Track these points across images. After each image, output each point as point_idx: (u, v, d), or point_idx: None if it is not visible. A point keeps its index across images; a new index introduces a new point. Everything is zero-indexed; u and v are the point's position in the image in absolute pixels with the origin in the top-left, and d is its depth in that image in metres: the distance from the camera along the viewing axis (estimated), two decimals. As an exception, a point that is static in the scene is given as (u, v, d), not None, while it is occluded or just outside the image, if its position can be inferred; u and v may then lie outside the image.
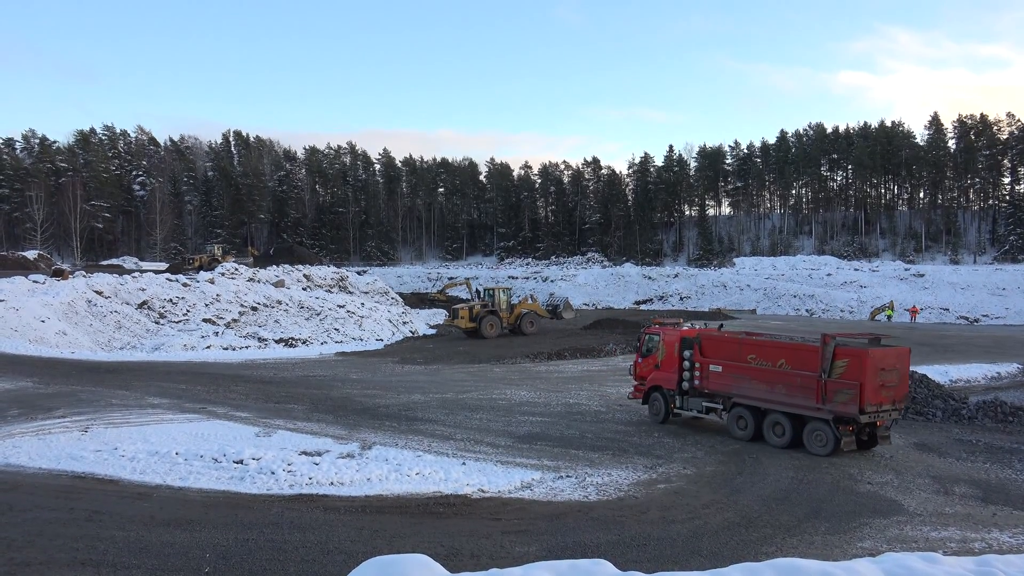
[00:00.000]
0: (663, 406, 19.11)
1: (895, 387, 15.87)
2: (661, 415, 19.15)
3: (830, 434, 15.67)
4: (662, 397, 19.16)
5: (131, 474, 13.79)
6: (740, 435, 17.23)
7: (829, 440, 15.70)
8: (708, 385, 18.08)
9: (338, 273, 53.21)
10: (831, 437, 15.66)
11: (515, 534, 10.84)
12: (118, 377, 24.73)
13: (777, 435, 16.63)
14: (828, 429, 15.71)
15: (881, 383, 15.48)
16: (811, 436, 16.08)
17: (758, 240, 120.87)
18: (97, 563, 9.40)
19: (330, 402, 21.21)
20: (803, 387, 16.09)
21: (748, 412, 17.18)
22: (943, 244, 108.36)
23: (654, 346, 19.79)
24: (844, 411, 15.44)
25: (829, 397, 15.62)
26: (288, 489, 13.03)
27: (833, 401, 15.56)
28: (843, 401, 15.39)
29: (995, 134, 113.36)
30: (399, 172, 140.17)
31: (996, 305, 61.38)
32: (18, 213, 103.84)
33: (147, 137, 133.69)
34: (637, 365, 20.37)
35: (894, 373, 15.79)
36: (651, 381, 19.53)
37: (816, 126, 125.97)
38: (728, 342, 18.26)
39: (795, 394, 16.24)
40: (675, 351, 18.91)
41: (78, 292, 35.95)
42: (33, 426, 17.31)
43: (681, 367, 18.69)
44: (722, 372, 17.72)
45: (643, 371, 20.02)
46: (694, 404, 18.56)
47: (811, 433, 16.08)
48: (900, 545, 10.59)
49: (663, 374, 19.22)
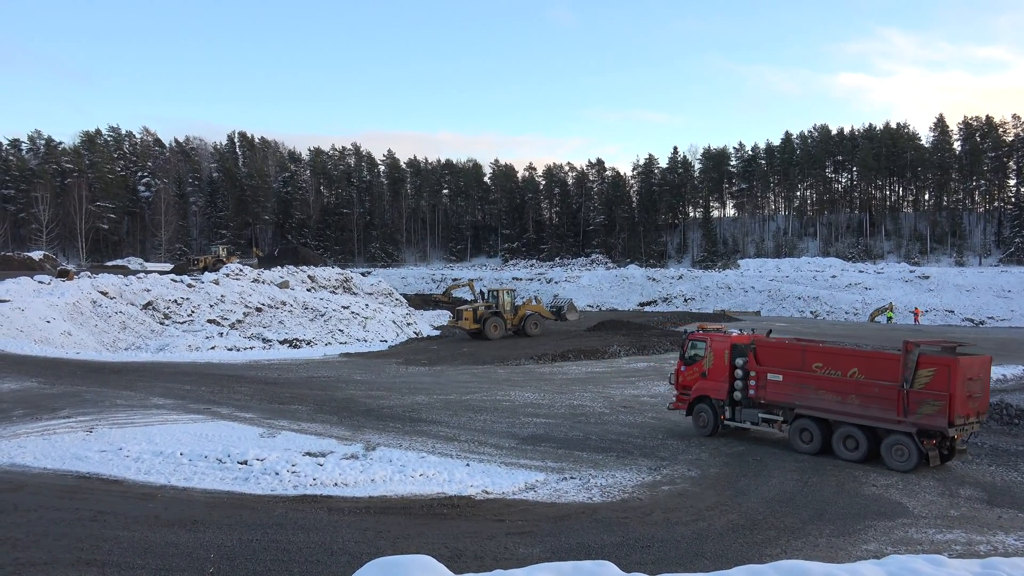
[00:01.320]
0: (711, 417, 17.89)
1: (980, 398, 14.99)
2: (709, 427, 17.90)
3: (913, 448, 14.68)
4: (710, 408, 17.93)
5: (135, 474, 13.81)
6: (804, 449, 16.19)
7: (912, 455, 14.69)
8: (766, 395, 16.98)
9: (342, 274, 53.29)
10: (914, 451, 14.66)
11: (519, 535, 10.83)
12: (123, 378, 24.78)
13: (849, 449, 15.58)
14: (911, 443, 14.71)
15: (968, 393, 14.59)
16: (891, 450, 15.04)
17: (762, 242, 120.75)
18: (102, 563, 9.42)
19: (334, 403, 21.22)
20: (881, 398, 15.08)
21: (814, 424, 16.13)
22: (948, 246, 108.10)
23: (700, 353, 18.54)
24: (931, 424, 14.53)
25: (912, 409, 14.68)
26: (292, 490, 13.04)
27: (917, 413, 14.62)
28: (929, 413, 14.47)
29: (1000, 136, 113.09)
30: (403, 173, 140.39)
31: (1001, 307, 61.19)
32: (24, 214, 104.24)
33: (152, 138, 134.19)
34: (679, 373, 18.97)
35: (979, 383, 14.94)
36: (697, 391, 18.30)
37: (821, 128, 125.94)
38: (790, 350, 17.16)
39: (871, 406, 15.22)
40: (725, 359, 17.81)
41: (83, 293, 36.05)
42: (38, 426, 17.36)
43: (732, 376, 17.59)
44: (783, 382, 16.67)
45: (687, 380, 18.71)
46: (748, 415, 17.39)
47: (890, 447, 15.05)
48: (905, 547, 10.56)
49: (711, 383, 18.04)
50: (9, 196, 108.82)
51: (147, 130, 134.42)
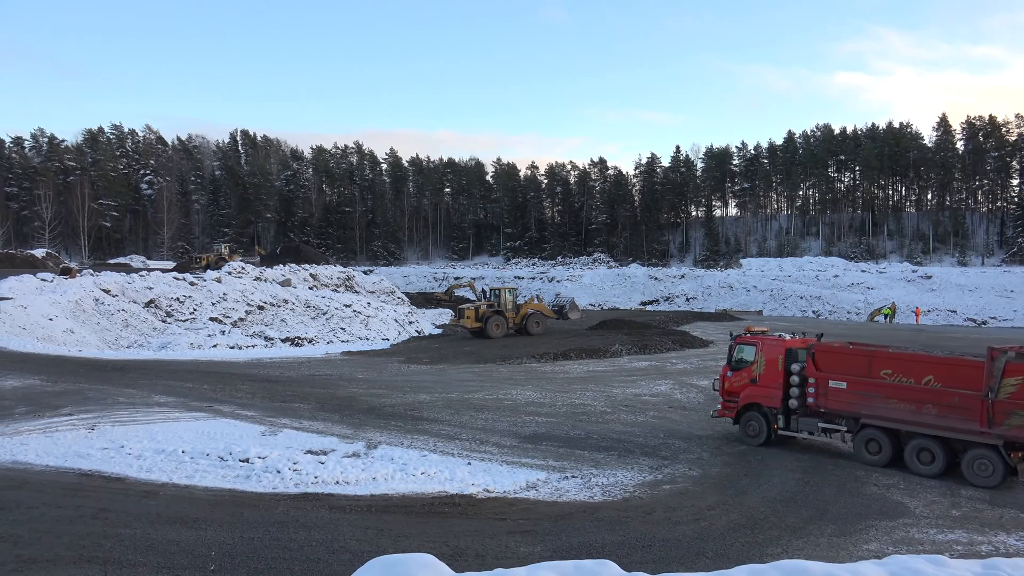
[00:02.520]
0: (764, 426, 16.90)
1: None
2: (761, 436, 16.89)
3: (999, 462, 13.72)
4: (762, 416, 16.96)
5: (137, 472, 13.83)
6: (871, 461, 15.27)
7: (997, 469, 13.72)
8: (827, 403, 16.00)
9: (344, 272, 53.31)
10: (1000, 466, 13.70)
11: (520, 534, 10.84)
12: (125, 375, 24.80)
13: (924, 462, 14.61)
14: (996, 457, 13.75)
15: None
16: (973, 465, 14.03)
17: (765, 241, 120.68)
18: (103, 560, 9.44)
19: (336, 401, 21.23)
20: (961, 408, 14.12)
21: (883, 435, 15.21)
22: (951, 246, 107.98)
23: (748, 358, 17.55)
24: (1020, 436, 13.56)
25: (998, 420, 13.68)
26: (294, 488, 13.05)
27: (1004, 424, 13.64)
28: (1018, 424, 13.51)
29: (1003, 136, 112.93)
30: (406, 172, 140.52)
31: (1004, 307, 61.10)
32: (27, 211, 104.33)
33: (155, 136, 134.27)
34: (725, 379, 17.97)
35: None
36: (746, 398, 17.32)
37: (823, 127, 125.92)
38: (854, 355, 16.13)
39: (950, 416, 14.24)
40: (778, 364, 16.85)
41: (86, 290, 36.09)
42: (40, 424, 17.38)
43: (787, 383, 16.66)
44: (846, 389, 15.68)
45: (734, 386, 17.72)
46: (806, 425, 16.44)
47: (973, 461, 14.04)
48: (906, 547, 10.55)
49: (762, 390, 17.07)
50: (12, 194, 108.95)
51: (150, 128, 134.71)
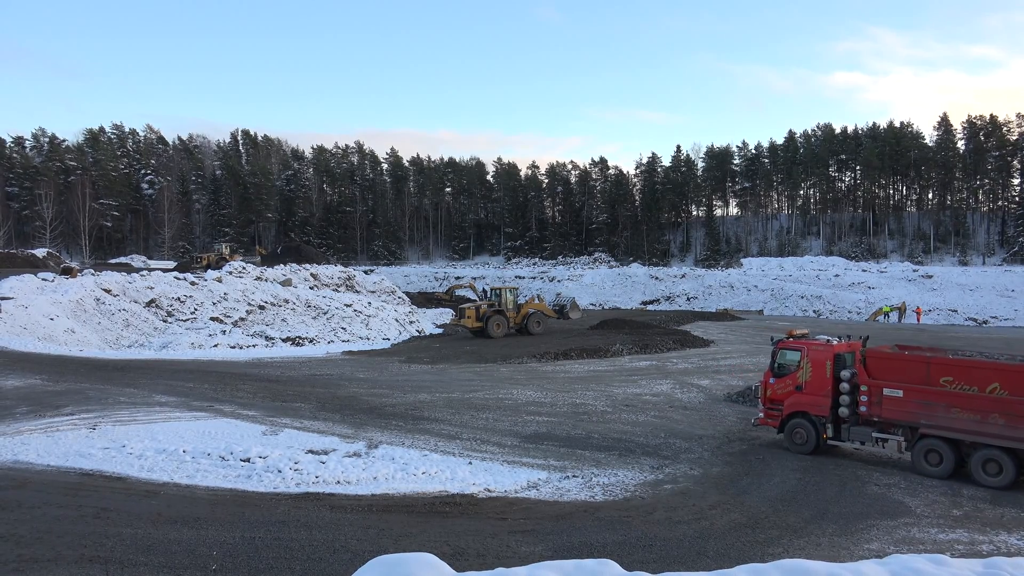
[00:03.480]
0: (812, 435, 16.21)
1: None
2: (809, 445, 16.21)
3: None
4: (810, 424, 16.26)
5: (139, 472, 13.84)
6: (932, 472, 14.54)
7: None
8: (881, 412, 15.27)
9: (345, 272, 53.32)
10: None
11: (521, 534, 10.84)
12: (126, 375, 24.81)
13: (991, 474, 13.88)
14: None
15: None
16: None
17: (766, 241, 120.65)
18: (105, 560, 9.44)
19: (337, 401, 21.24)
20: None
21: (945, 446, 14.46)
22: (952, 245, 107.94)
23: (793, 364, 16.83)
24: None
25: None
26: (295, 487, 13.06)
27: None
28: None
29: (1004, 135, 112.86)
30: (406, 172, 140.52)
31: (1005, 307, 61.10)
32: (28, 211, 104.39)
33: (156, 136, 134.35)
34: (768, 386, 17.23)
35: None
36: (792, 406, 16.56)
37: (824, 126, 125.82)
38: (911, 362, 15.37)
39: (1020, 426, 13.55)
40: (827, 371, 16.14)
41: (87, 290, 36.10)
42: (42, 423, 17.39)
43: (836, 390, 15.98)
44: (903, 398, 14.96)
45: (778, 394, 16.96)
46: (858, 434, 15.70)
47: None
48: (907, 547, 10.56)
49: (809, 398, 16.37)
50: (13, 194, 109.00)
51: (150, 128, 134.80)
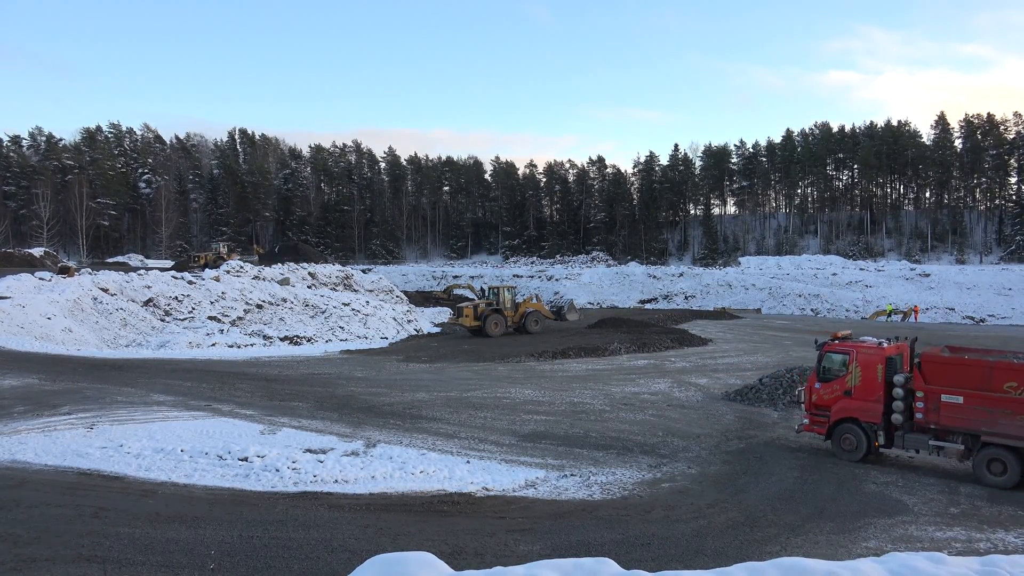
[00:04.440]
0: (862, 442, 15.53)
1: None
2: (859, 452, 15.54)
3: None
4: (860, 431, 15.58)
5: (136, 471, 13.82)
6: (996, 482, 13.92)
7: None
8: (939, 420, 14.57)
9: (343, 271, 53.26)
10: None
11: (519, 532, 10.84)
12: (123, 374, 24.78)
13: None
14: None
15: None
16: None
17: (763, 239, 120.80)
18: (103, 559, 9.43)
19: (335, 400, 21.23)
20: None
21: (1010, 455, 13.87)
22: (949, 244, 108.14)
23: (841, 368, 16.11)
24: None
25: None
26: (293, 487, 13.05)
27: None
28: None
29: (1002, 134, 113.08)
30: (404, 171, 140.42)
31: (1002, 305, 61.18)
32: (25, 210, 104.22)
33: (153, 135, 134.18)
34: (813, 391, 16.46)
35: None
36: (840, 412, 15.86)
37: (822, 125, 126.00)
38: (972, 366, 14.58)
39: None
40: (878, 375, 15.47)
41: (84, 289, 36.05)
42: (39, 423, 17.36)
43: (889, 395, 15.31)
44: (963, 404, 14.29)
45: (824, 399, 16.21)
46: (913, 442, 15.01)
47: None
48: (905, 545, 10.57)
49: (859, 403, 15.65)
50: (10, 193, 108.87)
51: (148, 127, 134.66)
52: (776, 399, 21.73)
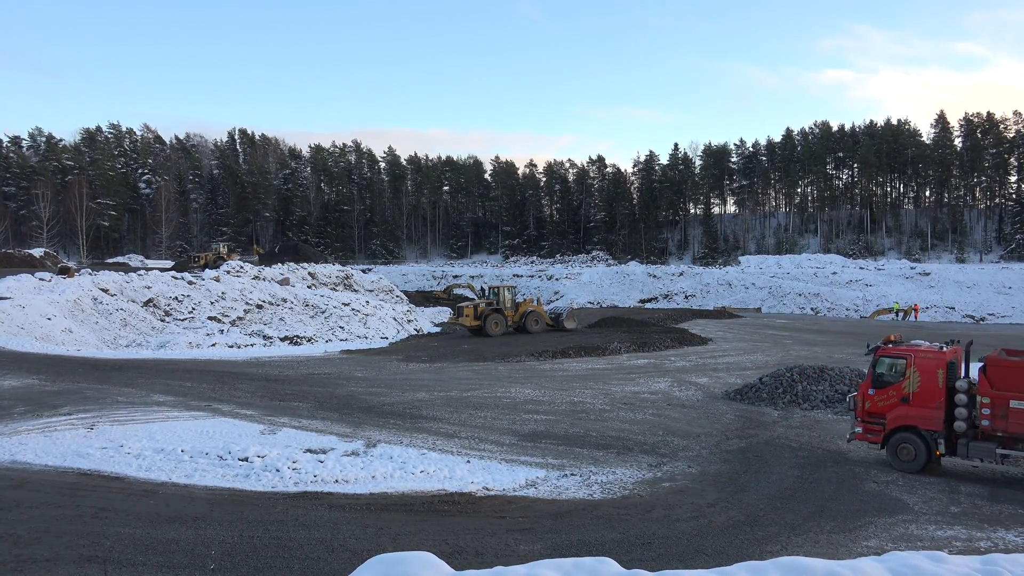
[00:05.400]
0: (921, 451, 14.65)
1: None
2: (919, 463, 14.67)
3: None
4: (920, 440, 14.69)
5: (137, 471, 13.82)
6: None
7: None
8: (1007, 427, 13.77)
9: (343, 271, 53.27)
10: None
11: (520, 532, 10.84)
12: (124, 375, 24.78)
13: None
14: None
15: None
16: None
17: (763, 238, 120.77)
18: (103, 560, 9.42)
19: (335, 400, 21.23)
20: None
21: None
22: (949, 243, 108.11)
23: (897, 373, 15.22)
24: None
25: None
26: (293, 487, 13.05)
27: None
28: None
29: (1001, 132, 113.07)
30: (404, 170, 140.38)
31: (1002, 304, 61.20)
32: (25, 211, 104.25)
33: (153, 135, 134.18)
34: (866, 398, 15.49)
35: None
36: (897, 420, 14.98)
37: (822, 124, 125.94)
38: None
39: None
40: (938, 380, 14.68)
41: (84, 290, 36.05)
42: (39, 423, 17.36)
43: (950, 402, 14.57)
44: None
45: (878, 406, 15.30)
46: (978, 451, 14.18)
47: None
48: (905, 544, 10.56)
49: (918, 410, 14.80)
50: (10, 193, 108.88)
51: (147, 127, 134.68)
52: (776, 398, 21.71)
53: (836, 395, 21.46)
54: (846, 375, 22.57)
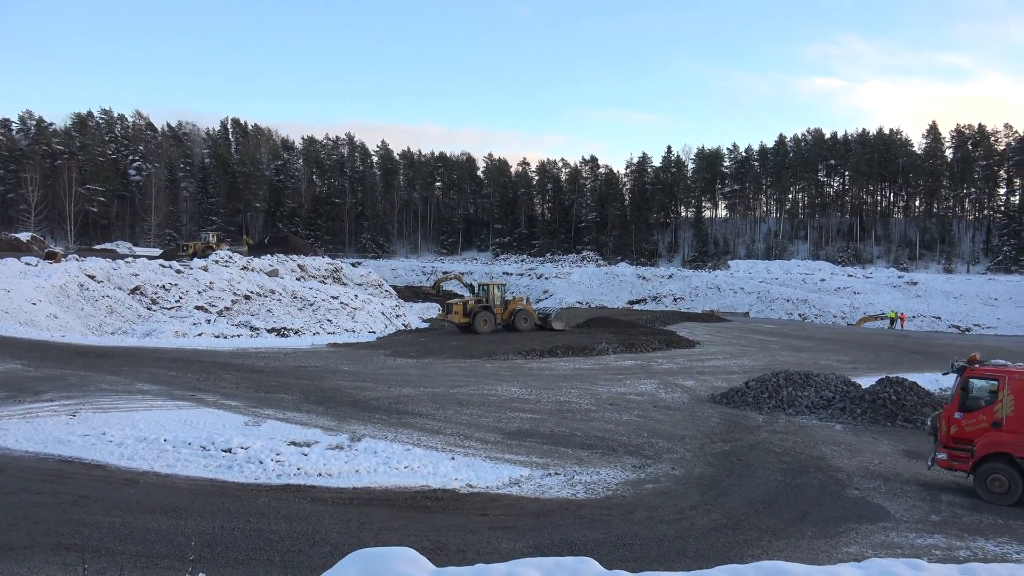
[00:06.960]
0: (1017, 483, 13.36)
1: None
2: (1013, 495, 13.34)
3: None
4: (1014, 469, 13.43)
5: (118, 460, 13.73)
6: None
7: None
8: None
9: (332, 264, 53.17)
10: None
11: (502, 530, 10.83)
12: (108, 362, 24.61)
13: None
14: None
15: None
16: None
17: (753, 243, 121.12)
18: (81, 548, 9.34)
19: (320, 393, 21.16)
20: None
21: None
22: (937, 253, 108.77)
23: (987, 396, 14.10)
24: None
25: None
26: (276, 479, 13.00)
27: None
28: None
29: (992, 145, 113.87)
30: (396, 165, 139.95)
31: (988, 315, 61.69)
32: (12, 194, 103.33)
33: (144, 122, 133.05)
34: (953, 422, 14.29)
35: None
36: (987, 447, 13.72)
37: (814, 131, 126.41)
38: None
39: None
40: None
41: (70, 275, 35.79)
42: (21, 409, 17.22)
43: None
44: None
45: (966, 431, 14.10)
46: None
47: None
48: (886, 551, 10.61)
49: (1010, 436, 13.58)
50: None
51: (139, 114, 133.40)
52: (761, 403, 21.79)
53: (821, 401, 21.57)
54: (832, 381, 22.66)
